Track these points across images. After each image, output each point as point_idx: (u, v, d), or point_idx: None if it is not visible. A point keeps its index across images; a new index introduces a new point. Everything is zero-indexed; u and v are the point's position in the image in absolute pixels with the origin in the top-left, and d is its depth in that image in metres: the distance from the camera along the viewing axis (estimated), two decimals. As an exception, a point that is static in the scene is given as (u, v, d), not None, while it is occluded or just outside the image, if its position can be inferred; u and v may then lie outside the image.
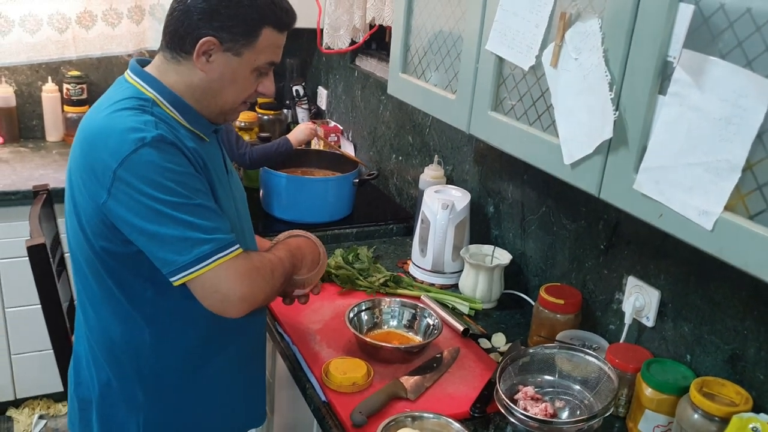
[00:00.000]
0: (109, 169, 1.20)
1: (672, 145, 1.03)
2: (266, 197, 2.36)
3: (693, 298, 1.43)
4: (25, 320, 2.70)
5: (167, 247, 1.21)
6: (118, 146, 1.19)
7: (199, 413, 1.47)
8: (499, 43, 1.38)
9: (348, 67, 2.94)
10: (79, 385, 1.48)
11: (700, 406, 1.23)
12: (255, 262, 1.29)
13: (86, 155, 1.25)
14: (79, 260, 1.35)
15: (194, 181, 1.25)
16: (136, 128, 1.21)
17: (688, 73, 0.99)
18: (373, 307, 1.71)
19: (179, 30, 1.29)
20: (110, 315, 1.35)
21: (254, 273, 1.27)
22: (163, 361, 1.38)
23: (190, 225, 1.21)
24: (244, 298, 1.25)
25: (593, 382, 1.42)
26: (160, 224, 1.20)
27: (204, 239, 1.21)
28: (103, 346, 1.39)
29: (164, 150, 1.21)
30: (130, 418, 1.41)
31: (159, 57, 1.35)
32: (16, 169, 2.76)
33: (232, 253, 1.24)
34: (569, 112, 1.22)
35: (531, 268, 1.91)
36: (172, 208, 1.20)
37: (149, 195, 1.19)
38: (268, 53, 1.32)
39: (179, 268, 1.21)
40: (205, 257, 1.21)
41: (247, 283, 1.25)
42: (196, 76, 1.31)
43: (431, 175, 2.16)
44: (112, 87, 1.37)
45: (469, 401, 1.45)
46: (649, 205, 1.07)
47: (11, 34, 2.93)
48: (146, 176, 1.19)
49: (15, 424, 2.84)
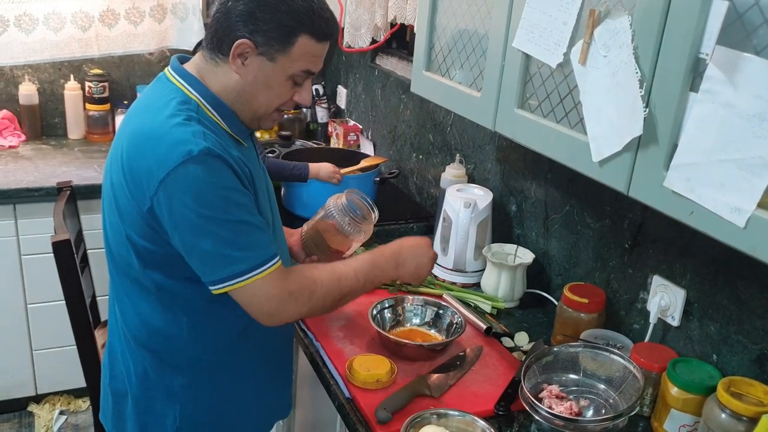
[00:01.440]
0: (155, 179, 1.21)
1: (703, 142, 1.03)
2: (287, 195, 2.37)
3: (720, 297, 1.42)
4: (47, 316, 2.73)
5: (203, 260, 1.25)
6: (165, 157, 1.20)
7: (233, 405, 1.48)
8: (526, 40, 1.38)
9: (368, 66, 2.94)
10: (114, 378, 1.50)
11: (727, 406, 1.22)
12: (290, 284, 1.30)
13: (132, 160, 1.26)
14: (118, 256, 1.37)
15: (238, 195, 1.25)
16: (184, 140, 1.21)
17: (722, 70, 0.99)
18: (396, 305, 1.71)
19: (218, 31, 1.28)
20: (148, 307, 1.37)
21: (285, 296, 1.29)
22: (200, 353, 1.40)
23: (226, 242, 1.23)
24: (272, 316, 1.30)
25: (618, 381, 1.42)
26: (198, 238, 1.22)
27: (239, 258, 1.24)
28: (141, 338, 1.40)
29: (210, 164, 1.21)
30: (167, 408, 1.43)
31: (199, 56, 1.35)
32: (38, 166, 2.78)
33: (265, 270, 1.26)
34: (598, 109, 1.21)
35: (554, 267, 1.91)
36: (212, 223, 1.22)
37: (191, 208, 1.21)
38: (305, 61, 1.30)
39: (213, 282, 1.25)
40: (237, 275, 1.25)
41: (275, 304, 1.29)
42: (232, 79, 1.30)
43: (453, 173, 2.16)
44: (154, 85, 1.36)
45: (492, 399, 1.45)
46: (680, 202, 1.07)
47: (35, 32, 2.97)
48: (190, 190, 1.20)
49: (36, 420, 2.87)
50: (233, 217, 1.23)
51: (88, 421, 2.84)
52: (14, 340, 2.75)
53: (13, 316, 2.72)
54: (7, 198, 2.56)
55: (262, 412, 1.57)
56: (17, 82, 3.07)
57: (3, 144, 2.96)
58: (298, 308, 1.31)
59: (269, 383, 1.55)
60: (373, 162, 2.42)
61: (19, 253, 2.64)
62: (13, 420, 2.88)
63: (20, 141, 3.03)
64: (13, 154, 2.90)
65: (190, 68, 1.34)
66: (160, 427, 1.44)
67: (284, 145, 2.63)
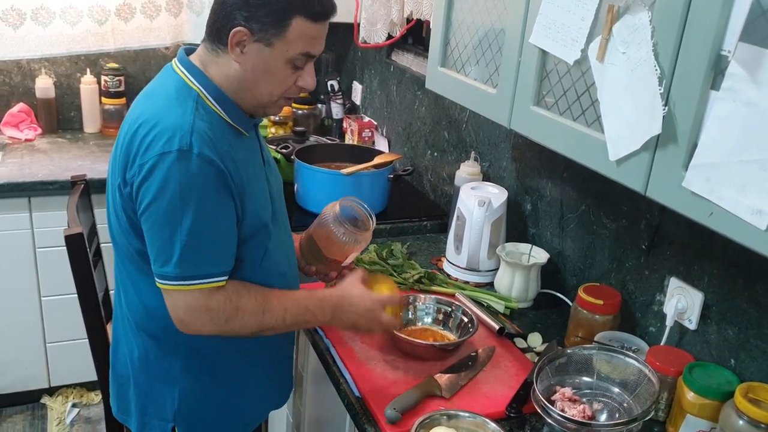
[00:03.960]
0: (142, 161, 1.24)
1: (724, 142, 1.00)
2: (301, 191, 2.36)
3: (739, 301, 1.39)
4: (60, 309, 2.73)
5: (152, 249, 1.29)
6: (153, 143, 1.24)
7: (232, 390, 1.49)
8: (543, 36, 1.35)
9: (384, 62, 2.93)
10: (117, 362, 1.53)
11: (745, 412, 1.19)
12: (211, 304, 1.30)
13: (127, 144, 1.29)
14: (118, 237, 1.39)
15: (211, 204, 1.27)
16: (174, 133, 1.24)
17: (744, 68, 0.96)
18: (408, 304, 1.69)
19: (216, 22, 1.30)
20: (148, 290, 1.38)
21: (201, 311, 1.30)
22: (198, 337, 1.39)
23: (175, 242, 1.25)
24: (185, 326, 1.32)
25: (633, 385, 1.39)
26: (156, 225, 1.26)
27: (176, 261, 1.26)
28: (142, 321, 1.43)
29: (193, 164, 1.24)
30: (166, 391, 1.45)
31: (202, 47, 1.36)
32: (54, 160, 2.79)
33: (196, 285, 1.28)
34: (616, 107, 1.19)
35: (569, 267, 1.88)
36: (174, 220, 1.24)
37: (161, 198, 1.24)
38: (302, 44, 1.30)
39: (154, 273, 1.30)
40: (166, 277, 1.28)
41: (189, 317, 1.30)
42: (233, 68, 1.31)
43: (467, 171, 2.14)
44: (159, 75, 1.39)
45: (504, 401, 1.43)
46: (699, 203, 1.04)
47: (52, 25, 2.98)
48: (167, 182, 1.23)
49: (49, 412, 2.88)
50: (195, 223, 1.25)
51: (100, 415, 2.85)
52: (28, 332, 2.76)
53: (27, 309, 2.73)
54: (23, 191, 2.57)
55: (260, 399, 1.58)
56: (34, 76, 3.07)
57: (20, 137, 2.97)
58: (212, 327, 1.32)
59: (268, 371, 1.56)
60: (388, 159, 2.40)
61: (34, 246, 2.65)
62: (26, 412, 2.89)
63: (36, 134, 3.04)
64: (29, 147, 2.91)
65: (194, 60, 1.36)
66: (160, 410, 1.46)
67: (298, 141, 2.62)
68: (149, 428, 1.48)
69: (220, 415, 1.49)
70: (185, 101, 1.29)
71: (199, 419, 1.48)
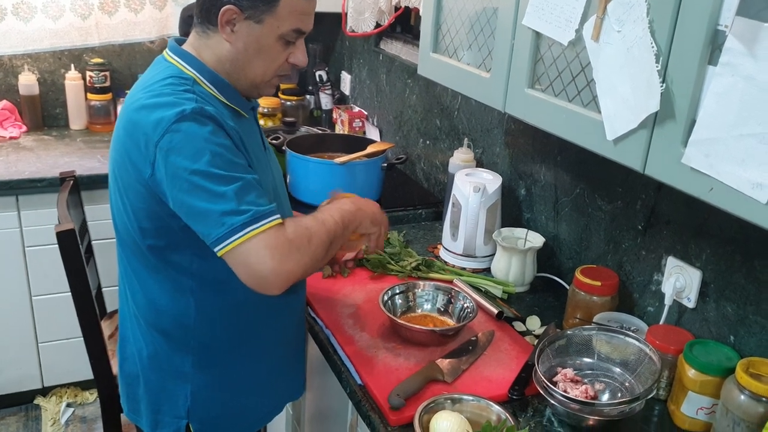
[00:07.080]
0: (152, 143, 1.21)
1: (723, 117, 1.00)
2: (293, 182, 2.34)
3: (737, 277, 1.40)
4: (52, 308, 2.71)
5: (204, 220, 1.20)
6: (159, 119, 1.20)
7: (244, 385, 1.48)
8: (536, 17, 1.35)
9: (372, 51, 2.91)
10: (125, 361, 1.50)
11: (747, 387, 1.20)
12: (289, 234, 1.23)
13: (130, 134, 1.26)
14: (125, 234, 1.36)
15: (232, 154, 1.24)
16: (176, 102, 1.22)
17: (742, 42, 0.96)
18: (407, 291, 1.69)
19: (205, 3, 1.29)
20: (156, 287, 1.36)
21: (286, 246, 1.21)
22: (209, 333, 1.38)
23: (223, 197, 1.19)
24: (276, 272, 1.20)
25: (633, 364, 1.40)
26: (197, 197, 1.19)
27: (237, 210, 1.19)
28: (151, 318, 1.40)
29: (203, 123, 1.21)
30: (178, 389, 1.43)
31: (193, 33, 1.35)
32: (40, 157, 2.76)
33: (265, 225, 1.20)
34: (612, 86, 1.18)
35: (564, 250, 1.88)
36: (208, 180, 1.19)
37: (186, 167, 1.19)
38: (293, 20, 1.29)
39: (215, 241, 1.20)
40: (236, 230, 1.18)
41: (278, 257, 1.20)
42: (224, 48, 1.31)
43: (461, 158, 2.13)
44: (151, 67, 1.37)
45: (506, 384, 1.43)
46: (699, 179, 1.04)
47: (33, 20, 2.94)
48: (185, 147, 1.19)
49: (43, 412, 2.85)
50: (228, 173, 1.20)
51: (96, 413, 2.83)
52: (20, 332, 2.73)
53: (17, 309, 2.70)
54: (10, 189, 2.53)
55: (274, 393, 1.56)
56: (17, 72, 3.03)
57: (4, 135, 2.93)
58: (300, 256, 1.23)
59: (281, 365, 1.54)
60: (380, 148, 2.39)
61: (23, 245, 2.62)
62: (20, 413, 2.87)
63: (21, 132, 3.00)
64: (14, 145, 2.87)
65: (187, 47, 1.35)
66: (173, 408, 1.44)
67: (288, 132, 2.60)
68: (162, 426, 1.46)
69: (234, 409, 1.48)
70: (182, 86, 1.27)
71: (213, 414, 1.46)
